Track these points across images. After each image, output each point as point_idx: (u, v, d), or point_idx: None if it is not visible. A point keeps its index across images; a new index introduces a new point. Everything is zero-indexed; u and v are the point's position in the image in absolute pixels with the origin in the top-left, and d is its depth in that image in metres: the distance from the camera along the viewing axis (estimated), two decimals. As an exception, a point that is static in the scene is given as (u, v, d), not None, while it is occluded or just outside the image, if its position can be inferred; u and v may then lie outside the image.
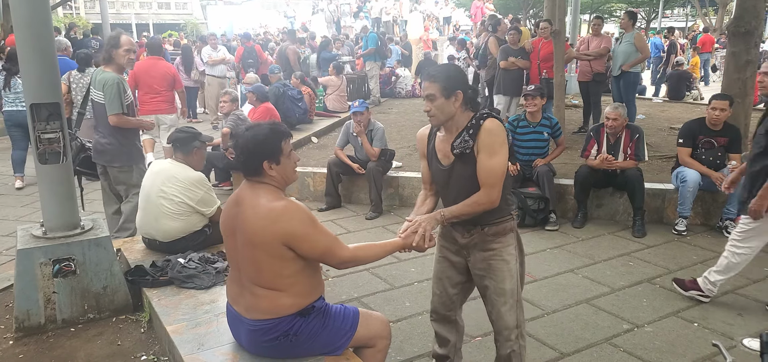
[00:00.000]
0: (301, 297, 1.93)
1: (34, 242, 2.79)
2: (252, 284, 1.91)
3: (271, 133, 1.89)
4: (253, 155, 1.86)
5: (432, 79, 2.03)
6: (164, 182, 3.18)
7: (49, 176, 2.84)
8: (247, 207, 1.87)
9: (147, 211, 3.22)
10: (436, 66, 2.13)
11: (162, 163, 3.35)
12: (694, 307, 3.21)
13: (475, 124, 2.03)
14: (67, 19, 18.84)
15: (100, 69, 3.81)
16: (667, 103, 10.39)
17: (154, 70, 5.70)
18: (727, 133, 4.39)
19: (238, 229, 1.90)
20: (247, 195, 1.90)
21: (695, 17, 27.49)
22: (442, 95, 2.01)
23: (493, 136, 2.00)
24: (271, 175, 1.89)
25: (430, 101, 2.04)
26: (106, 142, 3.76)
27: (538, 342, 2.85)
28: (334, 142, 6.59)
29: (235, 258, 1.97)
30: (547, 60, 6.72)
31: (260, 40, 13.90)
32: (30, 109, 2.77)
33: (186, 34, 21.69)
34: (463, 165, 2.06)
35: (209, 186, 3.33)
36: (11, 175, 6.37)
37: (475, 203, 2.03)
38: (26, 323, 2.74)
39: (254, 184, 1.92)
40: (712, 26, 20.11)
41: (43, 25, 2.72)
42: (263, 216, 1.83)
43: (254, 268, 1.89)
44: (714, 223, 4.51)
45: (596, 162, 4.49)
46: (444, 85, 2.01)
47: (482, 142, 2.00)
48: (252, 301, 1.93)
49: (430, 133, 2.20)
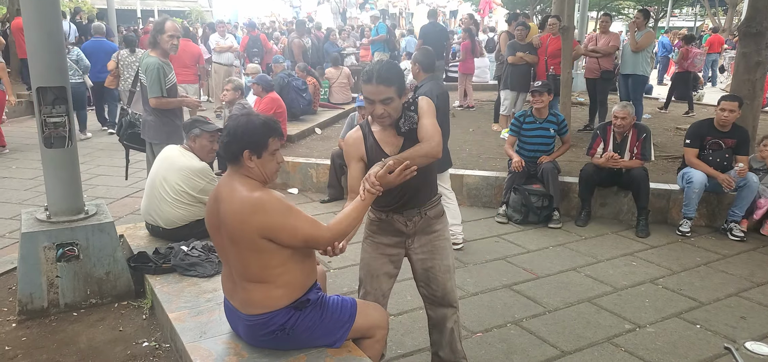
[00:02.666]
0: (292, 287, 1.91)
1: (38, 226, 2.80)
2: (242, 279, 1.90)
3: (261, 126, 1.85)
4: (237, 140, 1.82)
5: (387, 82, 1.96)
6: (167, 169, 3.18)
7: (53, 160, 2.84)
8: (224, 202, 1.84)
9: (151, 197, 3.22)
10: (384, 66, 2.02)
11: (170, 149, 3.34)
12: (696, 309, 3.19)
13: (412, 101, 2.11)
14: (72, 4, 18.80)
15: (146, 52, 4.10)
16: (674, 103, 10.32)
17: (186, 49, 7.30)
18: (735, 135, 4.35)
19: (222, 225, 1.87)
20: (225, 189, 1.86)
21: (704, 17, 27.24)
22: (397, 95, 2.02)
23: (427, 104, 2.11)
24: (250, 166, 1.84)
25: (386, 105, 1.98)
26: (149, 120, 4.06)
27: (540, 339, 2.84)
28: (337, 133, 6.58)
29: (224, 254, 1.95)
30: (555, 56, 6.67)
31: (266, 30, 13.84)
32: (36, 92, 2.76)
33: (190, 21, 21.63)
34: (412, 141, 2.08)
35: (212, 176, 3.31)
36: (15, 159, 6.40)
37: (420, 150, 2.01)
38: (29, 306, 2.76)
39: (232, 175, 1.88)
40: (721, 26, 19.93)
41: (51, 8, 2.71)
42: (238, 210, 1.79)
43: (241, 263, 1.87)
44: (719, 225, 4.49)
45: (602, 160, 4.46)
46: (399, 86, 2.02)
47: (422, 110, 2.09)
48: (244, 296, 1.92)
49: (364, 133, 2.15)
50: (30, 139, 7.31)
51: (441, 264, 2.24)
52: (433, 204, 2.23)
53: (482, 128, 7.40)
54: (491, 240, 4.22)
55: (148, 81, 3.94)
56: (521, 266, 3.73)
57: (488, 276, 3.55)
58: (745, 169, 4.23)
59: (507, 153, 4.83)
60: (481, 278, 3.53)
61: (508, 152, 4.78)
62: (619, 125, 4.44)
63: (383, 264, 2.28)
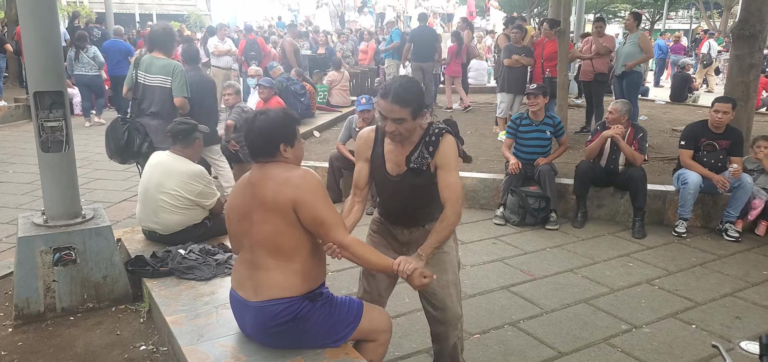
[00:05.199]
0: (310, 276, 1.96)
1: (35, 230, 2.80)
2: (268, 256, 1.90)
3: (286, 118, 1.96)
4: (272, 136, 1.91)
5: (403, 102, 1.93)
6: (162, 175, 3.15)
7: (51, 164, 2.85)
8: (267, 181, 1.90)
9: (146, 204, 3.20)
10: (403, 86, 1.96)
11: (160, 155, 3.31)
12: (692, 309, 3.21)
13: (434, 139, 2.03)
14: (70, 8, 18.79)
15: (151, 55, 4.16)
16: (669, 104, 10.37)
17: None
18: (729, 136, 4.38)
19: (255, 208, 1.91)
20: (263, 174, 1.93)
21: (699, 20, 27.38)
22: (412, 117, 1.98)
23: (452, 151, 2.02)
24: (286, 157, 1.95)
25: (397, 124, 1.96)
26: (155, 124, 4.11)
27: (537, 340, 2.85)
28: (336, 136, 6.59)
29: (250, 239, 1.95)
30: (551, 59, 6.71)
31: (264, 33, 13.85)
32: (33, 96, 2.77)
33: (189, 25, 21.64)
34: (415, 177, 2.06)
35: (209, 179, 3.32)
36: (12, 163, 6.39)
37: (446, 226, 2.03)
38: (26, 311, 2.75)
39: (267, 164, 1.94)
40: (717, 29, 20.04)
41: (48, 13, 2.71)
42: (283, 182, 1.87)
43: (273, 239, 1.89)
44: (714, 226, 4.51)
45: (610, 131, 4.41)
46: (414, 108, 1.96)
47: (442, 158, 2.02)
48: (264, 278, 1.91)
49: (377, 138, 2.15)
50: (27, 143, 7.30)
51: (439, 278, 2.14)
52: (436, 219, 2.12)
53: (480, 130, 7.42)
54: (489, 241, 4.23)
55: (176, 83, 4.06)
56: (518, 267, 3.74)
57: (485, 278, 3.57)
58: (739, 170, 4.26)
59: (504, 155, 4.85)
60: (478, 279, 3.54)
61: (505, 154, 4.80)
62: (609, 119, 4.52)
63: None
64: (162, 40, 4.13)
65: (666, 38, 16.76)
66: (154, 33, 4.23)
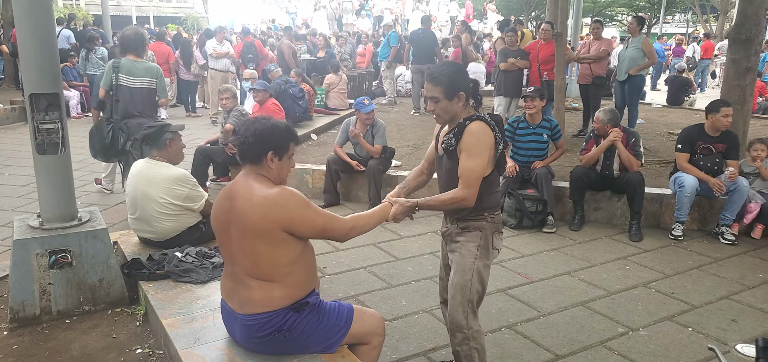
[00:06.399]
0: (294, 289, 1.93)
1: (30, 233, 2.79)
2: (247, 276, 1.91)
3: (285, 130, 1.97)
4: (264, 142, 1.90)
5: (435, 81, 2.10)
6: (146, 184, 3.08)
7: (46, 167, 2.83)
8: (240, 199, 1.88)
9: (136, 214, 3.15)
10: (440, 67, 2.17)
11: (139, 164, 3.21)
12: (688, 312, 3.22)
13: (461, 125, 2.12)
14: (67, 10, 18.75)
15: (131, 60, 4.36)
16: (666, 108, 10.41)
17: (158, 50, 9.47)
18: (726, 140, 4.40)
19: (233, 222, 1.90)
20: (241, 188, 1.91)
21: (696, 23, 27.54)
22: (445, 97, 2.09)
23: (474, 137, 2.08)
24: (270, 167, 1.92)
25: (433, 103, 2.13)
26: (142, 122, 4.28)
27: (533, 343, 2.85)
28: (333, 139, 6.59)
29: (230, 253, 1.97)
30: (547, 62, 6.73)
31: (261, 36, 13.86)
32: (29, 99, 2.76)
33: (186, 27, 21.62)
34: (448, 159, 2.17)
35: (193, 181, 3.21)
36: (8, 166, 6.37)
37: (451, 198, 2.13)
38: (21, 314, 2.74)
39: (248, 175, 1.93)
40: (713, 33, 20.15)
41: (44, 15, 2.71)
42: (259, 204, 1.85)
43: (250, 260, 1.89)
44: (710, 229, 4.53)
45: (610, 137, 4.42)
46: (447, 88, 2.08)
47: (464, 142, 2.10)
48: (246, 294, 1.93)
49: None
50: (23, 145, 7.28)
51: (451, 277, 2.24)
52: (467, 219, 2.19)
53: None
54: (485, 245, 4.23)
55: (160, 85, 4.43)
56: (515, 270, 3.74)
57: (482, 281, 3.57)
58: (735, 173, 4.28)
59: (501, 158, 4.85)
60: (475, 283, 3.54)
61: (503, 157, 4.81)
62: (595, 128, 4.58)
63: (444, 254, 2.41)
64: (135, 44, 4.38)
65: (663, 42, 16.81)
66: (128, 37, 4.41)
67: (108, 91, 4.35)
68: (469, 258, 2.18)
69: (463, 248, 2.19)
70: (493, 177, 2.16)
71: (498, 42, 7.84)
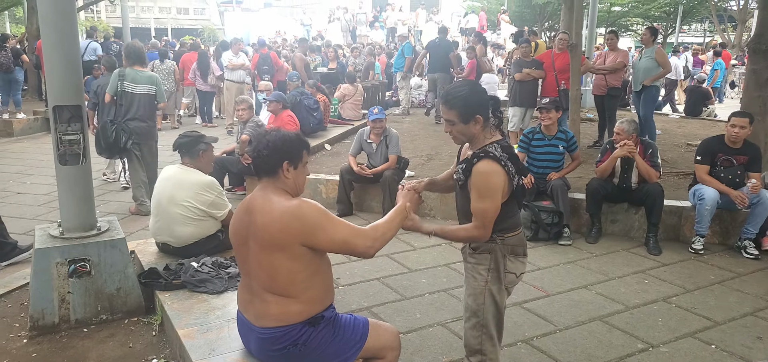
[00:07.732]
0: (311, 304, 1.93)
1: (51, 242, 2.83)
2: (263, 290, 1.92)
3: (297, 140, 1.98)
4: (278, 152, 1.90)
5: (449, 104, 2.01)
6: (174, 188, 3.19)
7: (68, 177, 2.89)
8: (259, 213, 1.88)
9: (159, 217, 3.23)
10: (454, 88, 2.06)
11: (171, 168, 3.35)
12: (712, 328, 3.13)
13: (469, 162, 2.04)
14: (88, 23, 19.24)
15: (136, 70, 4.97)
16: (684, 119, 10.25)
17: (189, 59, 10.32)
18: (747, 152, 4.30)
19: (251, 237, 1.91)
20: (258, 201, 1.91)
21: (713, 33, 27.15)
22: (461, 121, 2.01)
23: (482, 178, 1.98)
24: (286, 177, 1.92)
25: (449, 125, 2.06)
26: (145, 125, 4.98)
27: (550, 358, 2.80)
28: (347, 149, 6.61)
29: (247, 266, 1.97)
30: (564, 71, 6.67)
31: (277, 47, 14.02)
32: (52, 110, 2.82)
33: (203, 39, 22.00)
34: (460, 189, 2.12)
35: (220, 190, 3.34)
36: (30, 174, 6.51)
37: (465, 236, 2.11)
38: (40, 322, 2.78)
39: (265, 188, 1.93)
40: (731, 42, 19.83)
41: (69, 27, 2.78)
42: (278, 218, 1.84)
43: (268, 274, 1.89)
44: (732, 243, 4.42)
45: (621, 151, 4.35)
46: (461, 111, 1.99)
47: (473, 182, 2.02)
48: (262, 308, 1.93)
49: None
50: (45, 155, 7.44)
51: (465, 299, 2.20)
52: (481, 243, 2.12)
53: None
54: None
55: (159, 91, 5.04)
56: (531, 283, 3.69)
57: (498, 294, 3.52)
58: (758, 185, 4.18)
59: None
60: (490, 296, 3.49)
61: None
62: (616, 139, 4.49)
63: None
64: (139, 56, 5.06)
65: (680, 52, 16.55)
66: (132, 50, 5.09)
67: (113, 97, 4.92)
68: (480, 282, 2.13)
69: (474, 271, 2.15)
70: (509, 204, 2.06)
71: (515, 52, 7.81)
